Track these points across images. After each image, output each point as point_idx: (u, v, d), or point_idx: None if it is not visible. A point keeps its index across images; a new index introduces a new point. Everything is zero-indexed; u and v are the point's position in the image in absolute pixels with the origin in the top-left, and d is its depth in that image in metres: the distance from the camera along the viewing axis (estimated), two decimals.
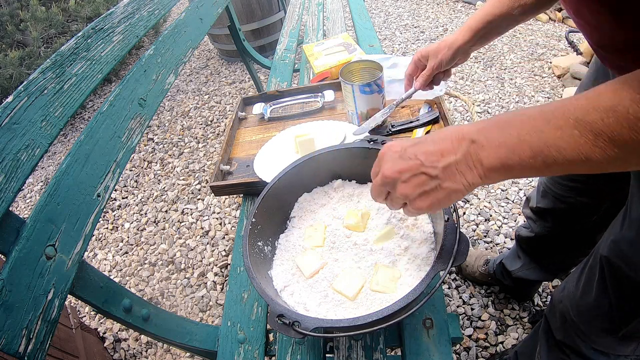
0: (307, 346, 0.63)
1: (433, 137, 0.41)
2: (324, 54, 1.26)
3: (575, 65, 2.01)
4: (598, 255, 0.62)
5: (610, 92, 0.31)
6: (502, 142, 0.36)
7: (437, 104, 0.91)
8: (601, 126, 0.31)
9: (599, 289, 0.62)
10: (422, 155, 0.40)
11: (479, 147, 0.37)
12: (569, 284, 0.73)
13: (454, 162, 0.39)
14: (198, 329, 0.74)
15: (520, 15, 0.64)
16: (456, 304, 1.22)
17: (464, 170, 0.38)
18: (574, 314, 0.70)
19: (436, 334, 0.60)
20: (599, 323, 0.66)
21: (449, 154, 0.39)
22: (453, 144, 0.39)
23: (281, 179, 0.67)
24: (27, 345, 0.46)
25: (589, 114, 0.32)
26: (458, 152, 0.38)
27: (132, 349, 1.30)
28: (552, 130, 0.33)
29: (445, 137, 0.40)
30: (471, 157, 0.38)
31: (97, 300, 0.60)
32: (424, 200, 0.41)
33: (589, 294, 0.65)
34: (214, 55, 3.10)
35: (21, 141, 0.55)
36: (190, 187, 1.88)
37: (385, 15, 3.19)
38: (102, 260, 1.64)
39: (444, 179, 0.39)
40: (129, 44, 0.87)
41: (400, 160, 0.42)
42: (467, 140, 0.38)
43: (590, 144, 0.32)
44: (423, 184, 0.41)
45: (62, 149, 2.44)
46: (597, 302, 0.64)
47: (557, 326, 0.76)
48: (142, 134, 0.82)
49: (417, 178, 0.41)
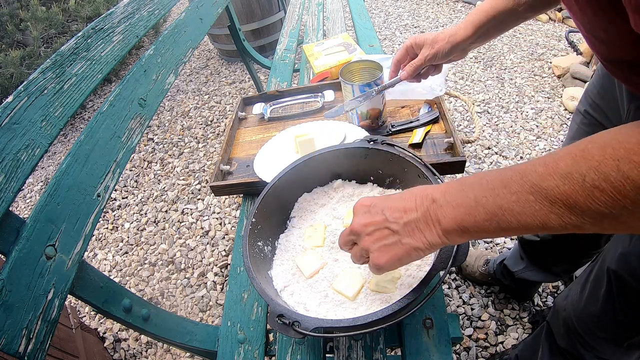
0: (307, 346, 0.63)
1: (402, 195, 0.42)
2: (324, 54, 1.26)
3: (575, 65, 2.01)
4: (604, 267, 0.61)
5: (568, 158, 0.31)
6: (459, 203, 0.37)
7: (437, 104, 0.91)
8: (557, 193, 0.31)
9: (605, 301, 0.62)
10: (388, 210, 0.42)
11: (437, 206, 0.38)
12: (572, 292, 0.72)
13: (414, 220, 0.40)
14: (198, 329, 0.74)
15: (525, 12, 0.63)
16: (456, 304, 1.22)
17: (423, 228, 0.39)
18: (578, 324, 0.69)
19: (436, 334, 0.60)
20: (603, 334, 0.66)
21: (411, 211, 0.40)
22: (416, 201, 0.40)
23: (281, 179, 0.67)
24: (27, 345, 0.46)
25: (545, 179, 0.31)
26: (419, 210, 0.39)
27: (132, 349, 1.30)
28: (507, 194, 0.33)
29: (412, 195, 0.41)
30: (430, 216, 0.39)
31: (97, 300, 0.60)
32: (384, 254, 0.42)
33: (594, 305, 0.65)
34: (214, 55, 3.10)
35: (21, 141, 0.55)
36: (190, 187, 1.88)
37: (385, 15, 3.19)
38: (102, 260, 1.64)
39: (404, 235, 0.41)
40: (129, 44, 0.87)
41: (367, 214, 0.44)
42: (429, 199, 0.39)
43: (546, 210, 0.31)
44: (384, 238, 0.42)
45: (62, 149, 2.44)
46: (602, 314, 0.64)
47: (560, 334, 0.76)
48: (142, 134, 0.82)
49: (380, 232, 0.42)
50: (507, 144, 1.77)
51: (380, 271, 0.44)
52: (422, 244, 0.40)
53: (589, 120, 0.71)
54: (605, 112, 0.66)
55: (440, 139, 0.83)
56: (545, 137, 1.77)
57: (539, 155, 1.69)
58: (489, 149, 1.76)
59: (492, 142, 1.79)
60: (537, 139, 1.77)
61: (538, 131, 1.81)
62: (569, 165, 0.30)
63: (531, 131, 1.81)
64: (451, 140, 0.80)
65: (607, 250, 0.62)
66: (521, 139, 1.78)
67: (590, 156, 0.30)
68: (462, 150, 0.77)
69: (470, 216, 0.36)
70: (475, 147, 1.78)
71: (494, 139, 1.80)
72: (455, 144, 0.79)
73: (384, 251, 0.42)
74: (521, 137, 1.79)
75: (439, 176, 0.59)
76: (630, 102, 0.54)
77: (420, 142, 0.83)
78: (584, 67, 1.98)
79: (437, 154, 0.81)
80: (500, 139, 1.80)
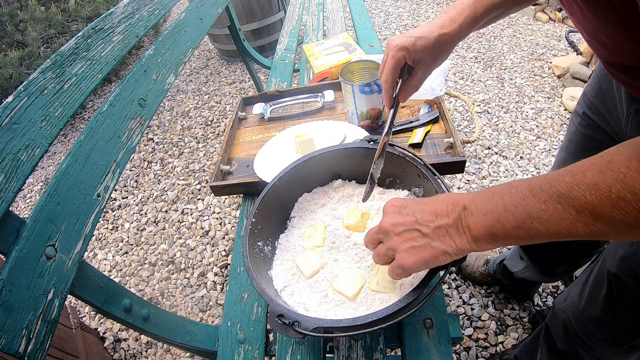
0: (307, 346, 0.63)
1: (434, 199, 0.43)
2: (324, 54, 1.26)
3: (575, 65, 2.01)
4: (604, 270, 0.61)
5: (595, 169, 0.32)
6: (489, 211, 0.37)
7: (437, 104, 0.91)
8: (584, 203, 0.32)
9: (605, 304, 0.62)
10: (419, 213, 0.42)
11: (468, 213, 0.39)
12: (571, 294, 0.72)
13: (445, 225, 0.40)
14: (198, 329, 0.74)
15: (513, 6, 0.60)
16: (456, 304, 1.22)
17: (453, 234, 0.40)
18: (577, 326, 0.69)
19: (436, 334, 0.60)
20: (603, 336, 0.66)
21: (443, 216, 0.41)
22: (448, 207, 0.41)
23: (281, 179, 0.67)
24: (27, 345, 0.46)
25: (572, 190, 0.32)
26: (451, 216, 0.40)
27: (132, 349, 1.30)
28: (536, 203, 0.34)
29: (443, 201, 0.42)
30: (461, 222, 0.39)
31: (97, 300, 0.60)
32: (411, 255, 0.42)
33: (594, 308, 0.65)
34: (214, 55, 3.10)
35: (21, 141, 0.55)
36: (190, 187, 1.88)
37: (385, 15, 3.19)
38: (102, 260, 1.64)
39: (433, 239, 0.41)
40: (129, 44, 0.87)
41: (398, 215, 0.44)
42: (460, 206, 0.40)
43: (573, 219, 0.32)
44: (413, 240, 0.42)
45: (62, 149, 2.44)
46: (602, 317, 0.64)
47: (559, 336, 0.76)
48: (142, 134, 0.82)
49: (410, 233, 0.43)
50: (507, 144, 1.77)
51: (404, 273, 0.44)
52: (451, 248, 0.40)
53: (587, 123, 0.71)
54: (603, 114, 0.66)
55: (440, 139, 0.83)
56: (545, 137, 1.77)
57: (539, 155, 1.69)
58: (489, 149, 1.76)
59: (492, 142, 1.79)
60: (537, 139, 1.77)
61: (538, 131, 1.81)
62: (596, 176, 0.31)
63: (531, 131, 1.81)
64: (451, 140, 0.80)
65: (606, 253, 0.62)
66: (521, 139, 1.78)
67: (616, 168, 0.31)
68: (462, 150, 0.77)
69: (499, 224, 0.37)
70: (475, 147, 1.78)
71: (494, 139, 1.81)
72: (455, 144, 0.79)
73: (412, 253, 0.42)
74: (521, 137, 1.79)
75: (439, 176, 0.59)
76: (630, 104, 0.54)
77: (420, 142, 0.83)
78: (584, 67, 1.98)
79: (437, 154, 0.81)
80: (500, 139, 1.80)
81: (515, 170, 1.64)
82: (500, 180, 1.60)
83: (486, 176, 1.64)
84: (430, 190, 0.60)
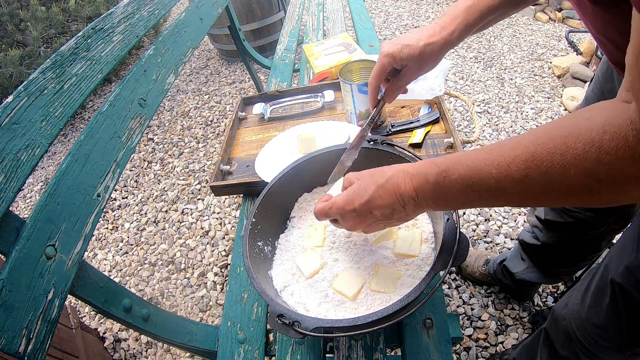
0: (307, 346, 0.63)
1: (379, 191, 0.46)
2: (324, 54, 1.26)
3: (575, 65, 2.01)
4: (607, 278, 0.60)
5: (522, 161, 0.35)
6: (435, 201, 0.43)
7: (437, 104, 0.91)
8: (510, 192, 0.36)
9: (610, 312, 0.62)
10: (376, 210, 0.46)
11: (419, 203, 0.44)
12: (571, 300, 0.72)
13: (404, 213, 0.46)
14: (198, 329, 0.74)
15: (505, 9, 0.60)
16: (456, 304, 1.22)
17: (411, 214, 0.47)
18: (580, 333, 0.69)
19: (436, 334, 0.60)
20: (607, 343, 0.65)
21: (399, 208, 0.45)
22: (398, 200, 0.44)
23: (281, 179, 0.67)
24: (27, 345, 0.46)
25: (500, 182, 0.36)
26: (406, 207, 0.45)
27: (132, 349, 1.30)
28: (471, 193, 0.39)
29: (389, 192, 0.45)
30: (416, 207, 0.45)
31: (97, 300, 0.60)
32: (376, 228, 0.52)
33: (598, 316, 0.64)
34: (214, 55, 3.10)
35: (21, 141, 0.55)
36: (190, 187, 1.88)
37: (385, 15, 3.19)
38: (102, 260, 1.64)
39: (397, 221, 0.49)
40: (129, 44, 0.87)
41: (358, 218, 0.49)
42: (409, 199, 0.44)
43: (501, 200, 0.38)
44: (374, 223, 0.49)
45: (62, 149, 2.44)
46: (606, 325, 0.63)
47: (561, 342, 0.76)
48: (142, 134, 0.82)
49: (376, 224, 0.50)
50: None
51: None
52: (410, 218, 0.48)
53: None
54: None
55: (440, 139, 0.83)
56: None
57: None
58: None
59: (492, 142, 1.79)
60: None
61: None
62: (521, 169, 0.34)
63: None
64: (451, 140, 0.80)
65: (608, 261, 0.61)
66: None
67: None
68: (462, 150, 0.76)
69: (448, 206, 0.46)
70: (475, 147, 1.78)
71: (494, 139, 1.80)
72: (455, 144, 0.79)
73: (376, 227, 0.51)
74: None
75: None
76: None
77: (420, 142, 0.83)
78: (584, 67, 1.98)
79: (437, 154, 0.81)
80: (500, 139, 1.80)
81: None
82: None
83: None
84: None
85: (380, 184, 0.46)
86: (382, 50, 0.62)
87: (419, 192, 0.43)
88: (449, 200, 0.41)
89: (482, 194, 0.37)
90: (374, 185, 0.46)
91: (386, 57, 0.62)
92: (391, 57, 0.61)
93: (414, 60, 0.61)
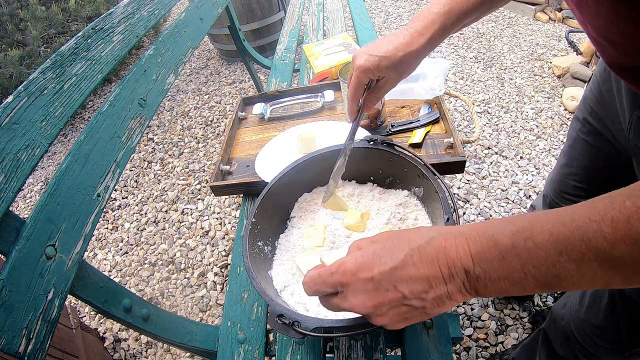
0: (307, 346, 0.63)
1: (413, 257, 0.32)
2: (324, 54, 1.26)
3: (575, 65, 2.01)
4: None
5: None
6: (503, 276, 0.30)
7: (437, 104, 0.91)
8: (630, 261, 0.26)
9: (608, 313, 0.62)
10: (404, 285, 0.32)
11: (473, 278, 0.31)
12: (569, 301, 0.72)
13: (445, 293, 0.32)
14: (198, 329, 0.74)
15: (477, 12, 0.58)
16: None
17: (456, 297, 0.32)
18: (578, 333, 0.69)
19: (436, 334, 0.60)
20: (605, 344, 0.65)
21: (439, 283, 0.32)
22: (442, 270, 0.32)
23: (281, 179, 0.67)
24: (27, 345, 0.46)
25: (615, 246, 0.25)
26: (450, 283, 0.32)
27: (132, 349, 1.30)
28: (565, 262, 0.27)
29: (429, 257, 0.32)
30: (466, 289, 0.32)
31: (97, 300, 0.60)
32: (401, 324, 0.35)
33: (596, 317, 0.64)
34: (214, 55, 3.10)
35: (21, 141, 0.55)
36: (190, 187, 1.88)
37: (385, 15, 3.19)
38: (102, 260, 1.64)
39: (431, 308, 0.33)
40: (129, 44, 0.87)
41: (374, 292, 0.33)
42: (460, 270, 0.31)
43: (611, 274, 0.27)
44: (404, 314, 0.34)
45: (62, 149, 2.44)
46: (604, 325, 0.63)
47: (559, 342, 0.76)
48: (142, 134, 0.82)
49: (398, 309, 0.34)
50: (507, 144, 1.77)
51: None
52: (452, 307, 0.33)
53: (588, 130, 0.70)
54: (604, 120, 0.65)
55: (440, 139, 0.83)
56: (545, 137, 1.77)
57: (539, 155, 1.69)
58: (489, 149, 1.76)
59: (492, 142, 1.79)
60: (537, 139, 1.77)
61: (538, 131, 1.81)
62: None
63: (531, 131, 1.82)
64: (451, 140, 0.80)
65: None
66: (521, 139, 1.78)
67: None
68: (462, 150, 0.77)
69: (518, 286, 0.29)
70: (475, 147, 1.78)
71: (494, 139, 1.81)
72: (455, 144, 0.79)
73: (403, 323, 0.35)
74: (521, 137, 1.79)
75: (439, 176, 0.59)
76: (632, 110, 0.53)
77: (420, 142, 0.83)
78: (584, 67, 1.98)
79: (437, 154, 0.81)
80: (500, 139, 1.80)
81: (515, 170, 1.64)
82: (500, 181, 1.60)
83: (486, 176, 1.64)
84: (430, 190, 0.60)
85: (416, 246, 0.33)
86: (358, 65, 0.58)
87: (478, 261, 0.30)
88: (526, 276, 0.29)
89: (582, 265, 0.27)
90: (407, 247, 0.33)
91: (363, 72, 0.58)
92: (369, 72, 0.58)
93: (393, 71, 0.58)
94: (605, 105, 0.63)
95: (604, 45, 0.43)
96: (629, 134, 0.54)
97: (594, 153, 0.70)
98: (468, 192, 1.58)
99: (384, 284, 0.33)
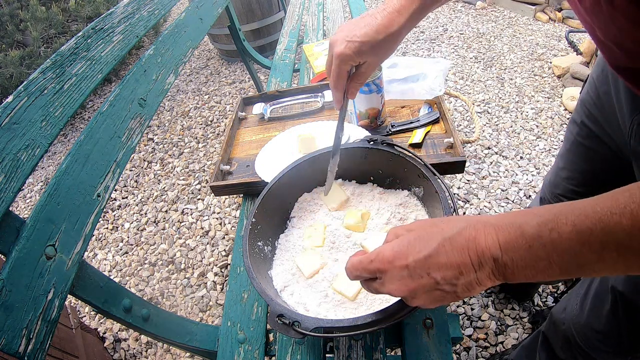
0: (307, 346, 0.63)
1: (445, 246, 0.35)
2: (324, 54, 1.26)
3: (575, 65, 2.01)
4: (608, 285, 0.60)
5: None
6: (529, 264, 0.32)
7: (437, 104, 0.91)
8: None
9: (610, 318, 0.62)
10: (437, 272, 0.35)
11: (501, 265, 0.33)
12: (570, 305, 0.72)
13: (474, 279, 0.34)
14: (198, 329, 0.74)
15: None
16: (456, 304, 1.22)
17: (485, 282, 0.35)
18: (579, 337, 0.69)
19: (436, 334, 0.60)
20: (607, 348, 0.65)
21: (469, 271, 0.34)
22: (472, 258, 0.34)
23: (281, 179, 0.67)
24: (27, 345, 0.46)
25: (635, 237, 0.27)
26: (480, 270, 0.34)
27: (132, 349, 1.30)
28: (587, 253, 0.29)
29: (460, 247, 0.34)
30: (494, 275, 0.34)
31: (97, 300, 0.60)
32: (435, 305, 0.38)
33: (598, 321, 0.64)
34: (214, 55, 3.10)
35: (21, 141, 0.55)
36: (190, 187, 1.88)
37: None
38: (102, 260, 1.64)
39: (462, 292, 0.36)
40: (129, 44, 0.87)
41: (409, 279, 0.36)
42: (488, 258, 0.33)
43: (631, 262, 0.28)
44: (437, 297, 0.37)
45: (62, 149, 2.44)
46: (606, 330, 0.63)
47: (560, 346, 0.76)
48: (142, 134, 0.82)
49: (431, 293, 0.36)
50: (507, 144, 1.77)
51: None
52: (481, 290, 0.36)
53: (585, 133, 0.68)
54: (602, 124, 0.63)
55: (440, 139, 0.83)
56: (545, 137, 1.77)
57: (539, 155, 1.69)
58: (489, 149, 1.76)
59: (492, 142, 1.79)
60: (537, 139, 1.77)
61: (538, 131, 1.81)
62: None
63: (531, 131, 1.82)
64: (451, 140, 0.80)
65: None
66: (521, 139, 1.78)
67: None
68: (462, 150, 0.77)
69: (543, 274, 0.32)
70: (475, 147, 1.78)
71: (494, 139, 1.81)
72: (455, 144, 0.79)
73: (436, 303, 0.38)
74: (521, 137, 1.79)
75: (439, 176, 0.59)
76: (633, 114, 0.51)
77: (420, 142, 0.83)
78: (584, 67, 1.98)
79: (437, 154, 0.81)
80: (500, 139, 1.80)
81: (515, 170, 1.64)
82: (500, 181, 1.60)
83: (486, 176, 1.64)
84: (430, 190, 0.60)
85: (448, 236, 0.35)
86: (338, 53, 0.55)
87: (506, 250, 0.32)
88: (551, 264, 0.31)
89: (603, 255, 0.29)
90: (440, 237, 0.35)
91: (343, 60, 0.55)
92: (349, 59, 0.55)
93: (374, 56, 0.56)
94: (603, 108, 0.62)
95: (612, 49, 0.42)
96: (630, 139, 0.53)
97: (591, 156, 0.70)
98: (468, 192, 1.58)
99: (418, 271, 0.35)
